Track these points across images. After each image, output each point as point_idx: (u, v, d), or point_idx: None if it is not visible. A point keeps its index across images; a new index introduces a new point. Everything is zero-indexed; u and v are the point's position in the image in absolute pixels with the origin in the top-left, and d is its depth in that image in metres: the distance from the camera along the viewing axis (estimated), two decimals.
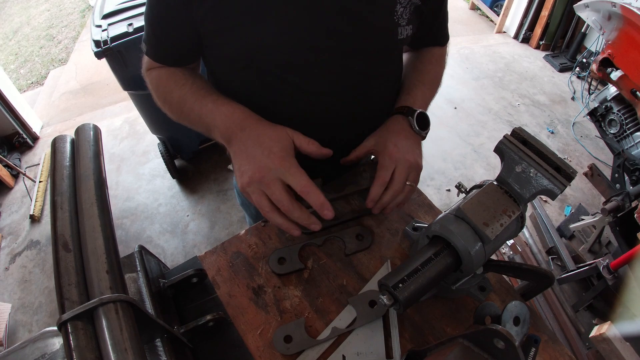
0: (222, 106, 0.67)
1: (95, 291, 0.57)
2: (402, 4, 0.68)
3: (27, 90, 3.95)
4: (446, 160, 2.70)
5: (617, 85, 1.99)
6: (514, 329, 0.52)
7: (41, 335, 0.78)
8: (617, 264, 1.64)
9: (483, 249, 0.56)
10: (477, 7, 4.48)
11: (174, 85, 0.73)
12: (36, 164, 2.85)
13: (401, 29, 0.70)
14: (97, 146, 0.81)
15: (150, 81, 0.78)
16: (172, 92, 0.73)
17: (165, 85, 0.74)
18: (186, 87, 0.72)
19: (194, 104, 0.70)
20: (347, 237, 0.78)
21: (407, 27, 0.71)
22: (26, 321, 2.02)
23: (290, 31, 0.64)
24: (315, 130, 0.79)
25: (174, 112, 0.75)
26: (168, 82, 0.74)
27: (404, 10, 0.68)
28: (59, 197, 0.69)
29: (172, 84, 0.73)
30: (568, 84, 3.31)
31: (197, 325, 0.77)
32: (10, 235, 2.44)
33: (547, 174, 0.57)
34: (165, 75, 0.75)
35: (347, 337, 0.65)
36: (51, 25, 5.03)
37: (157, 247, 2.30)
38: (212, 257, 0.77)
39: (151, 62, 0.76)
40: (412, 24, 0.72)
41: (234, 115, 0.66)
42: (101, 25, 1.91)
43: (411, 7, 0.69)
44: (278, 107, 0.75)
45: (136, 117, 3.00)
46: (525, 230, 2.15)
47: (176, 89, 0.72)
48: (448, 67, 0.91)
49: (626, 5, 1.78)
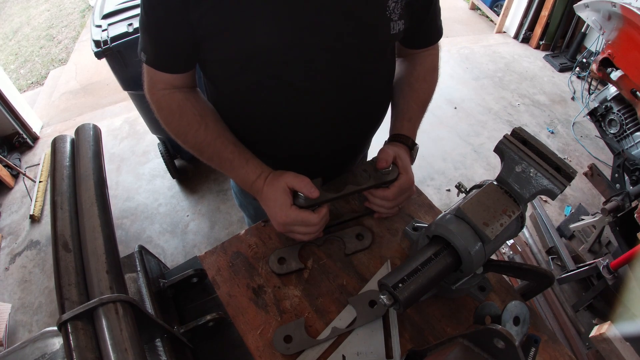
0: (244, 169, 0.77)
1: (95, 291, 0.57)
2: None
3: (27, 90, 3.95)
4: (446, 160, 2.70)
5: (617, 85, 1.99)
6: (514, 329, 0.52)
7: (41, 335, 0.78)
8: (617, 264, 1.64)
9: (483, 249, 0.56)
10: (477, 7, 4.48)
11: (187, 127, 0.77)
12: (36, 164, 2.85)
13: (393, 24, 0.70)
14: (97, 146, 0.81)
15: (157, 109, 0.78)
16: (186, 135, 0.77)
17: (178, 124, 0.77)
18: (200, 132, 0.76)
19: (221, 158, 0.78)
20: (347, 237, 0.78)
21: (399, 22, 0.71)
22: (26, 321, 2.02)
23: (285, 31, 0.64)
24: (312, 128, 0.79)
25: (188, 149, 0.80)
26: (181, 121, 0.77)
27: (395, 5, 0.69)
28: (59, 197, 0.69)
29: (185, 126, 0.77)
30: (568, 84, 3.31)
31: (197, 325, 0.76)
32: (10, 235, 2.44)
33: (547, 174, 0.57)
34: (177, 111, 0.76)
35: (347, 337, 0.65)
36: (51, 25, 5.03)
37: (157, 247, 2.30)
38: (212, 257, 0.77)
39: (153, 80, 0.75)
40: (404, 19, 0.72)
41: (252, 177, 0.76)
42: (101, 25, 1.91)
43: (402, 2, 0.70)
44: (275, 106, 0.75)
45: (136, 117, 3.00)
46: (525, 230, 2.15)
47: (191, 132, 0.77)
48: (448, 67, 0.92)
49: (626, 5, 1.78)
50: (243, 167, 0.76)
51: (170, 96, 0.75)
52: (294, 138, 0.81)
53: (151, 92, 0.76)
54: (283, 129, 0.79)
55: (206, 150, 0.78)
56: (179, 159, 2.65)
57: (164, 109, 0.77)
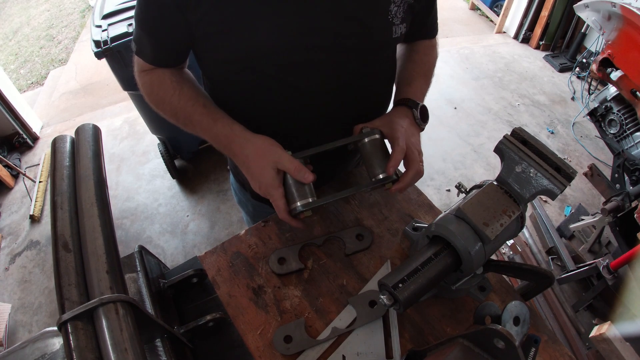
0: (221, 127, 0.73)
1: (95, 291, 0.57)
2: (395, 3, 0.68)
3: (27, 91, 3.95)
4: (446, 160, 2.70)
5: (617, 85, 1.99)
6: (514, 329, 0.52)
7: (41, 335, 0.78)
8: (617, 264, 1.64)
9: (483, 249, 0.56)
10: (477, 7, 4.48)
11: (164, 94, 0.76)
12: (36, 164, 2.85)
13: (395, 27, 0.70)
14: (97, 146, 0.81)
15: (142, 86, 0.79)
16: (164, 102, 0.77)
17: (157, 93, 0.77)
18: (175, 97, 0.75)
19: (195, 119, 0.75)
20: (347, 237, 0.78)
21: (400, 26, 0.71)
22: (26, 321, 2.02)
23: (287, 32, 0.64)
24: (312, 129, 0.79)
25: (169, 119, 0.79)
26: (159, 90, 0.77)
27: (397, 9, 0.69)
28: (59, 197, 0.69)
29: (162, 93, 0.77)
30: (568, 84, 3.31)
31: (197, 326, 0.77)
32: (10, 236, 2.43)
33: (547, 174, 0.57)
34: (156, 82, 0.77)
35: (347, 337, 0.65)
36: (51, 25, 5.03)
37: (157, 247, 2.30)
38: (212, 257, 0.77)
39: (142, 64, 0.76)
40: (406, 22, 0.72)
41: (230, 136, 0.72)
42: (101, 25, 1.91)
43: (404, 6, 0.70)
44: (275, 107, 0.75)
45: (136, 117, 3.00)
46: (525, 230, 2.15)
47: (167, 98, 0.76)
48: (448, 67, 0.92)
49: (626, 5, 1.78)
50: (212, 128, 0.74)
51: (153, 71, 0.77)
52: (292, 137, 0.81)
53: (139, 74, 0.78)
54: (282, 129, 0.79)
55: (180, 116, 0.76)
56: (179, 159, 2.65)
57: (146, 83, 0.78)
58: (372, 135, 0.72)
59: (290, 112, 0.76)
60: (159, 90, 0.77)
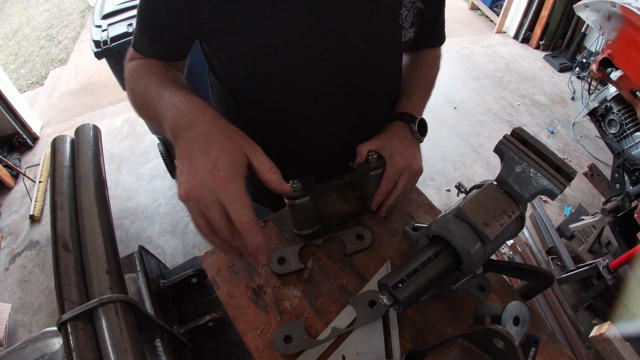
0: (176, 97, 0.57)
1: (95, 291, 0.57)
2: (406, 7, 0.68)
3: (27, 91, 3.95)
4: (446, 160, 2.70)
5: (617, 85, 1.99)
6: (514, 329, 0.52)
7: (41, 335, 0.78)
8: (617, 264, 1.64)
9: (483, 249, 0.56)
10: (477, 7, 4.48)
11: (144, 75, 0.65)
12: (36, 164, 2.85)
13: (405, 31, 0.70)
14: (97, 146, 0.81)
15: (127, 71, 0.70)
16: (140, 83, 0.65)
17: (138, 75, 0.66)
18: (154, 78, 0.64)
19: (154, 96, 0.61)
20: (347, 237, 0.78)
21: (409, 30, 0.71)
22: (26, 321, 2.02)
23: (295, 32, 0.64)
24: (315, 130, 0.79)
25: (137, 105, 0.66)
26: (141, 73, 0.66)
27: (408, 13, 0.69)
28: (59, 197, 0.69)
29: (142, 75, 0.66)
30: (568, 84, 3.31)
31: (197, 326, 0.77)
32: (10, 236, 2.44)
33: (547, 174, 0.57)
34: (140, 66, 0.68)
35: (347, 337, 0.65)
36: (51, 25, 5.03)
37: (157, 247, 2.30)
38: (212, 257, 0.77)
39: (134, 53, 0.72)
40: (415, 27, 0.72)
41: (186, 108, 0.55)
42: (101, 25, 1.91)
43: (414, 10, 0.70)
44: (281, 108, 0.75)
45: (136, 117, 2.98)
46: (525, 230, 2.15)
47: (144, 79, 0.64)
48: (448, 67, 0.93)
49: (626, 5, 1.78)
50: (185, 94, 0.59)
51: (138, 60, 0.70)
52: (295, 139, 0.81)
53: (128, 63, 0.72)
54: (286, 129, 0.79)
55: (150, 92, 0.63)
56: None
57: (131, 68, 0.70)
58: (377, 170, 0.74)
59: (297, 113, 0.76)
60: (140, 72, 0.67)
